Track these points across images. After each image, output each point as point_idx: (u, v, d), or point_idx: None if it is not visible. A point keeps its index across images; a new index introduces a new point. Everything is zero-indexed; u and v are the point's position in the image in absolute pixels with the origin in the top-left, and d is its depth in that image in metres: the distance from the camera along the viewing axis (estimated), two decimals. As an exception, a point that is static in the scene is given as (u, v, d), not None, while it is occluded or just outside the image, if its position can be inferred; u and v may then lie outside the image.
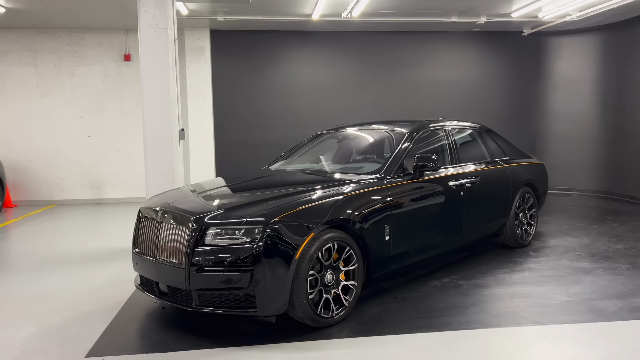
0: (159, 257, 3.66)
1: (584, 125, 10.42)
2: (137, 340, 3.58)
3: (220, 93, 10.14)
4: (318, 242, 3.55)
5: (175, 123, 5.94)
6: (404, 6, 8.32)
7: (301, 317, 3.52)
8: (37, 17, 8.75)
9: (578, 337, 3.43)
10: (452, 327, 3.64)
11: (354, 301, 3.85)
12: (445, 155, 5.08)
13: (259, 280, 3.32)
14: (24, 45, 9.78)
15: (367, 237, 3.91)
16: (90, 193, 10.13)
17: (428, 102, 10.55)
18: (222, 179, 4.99)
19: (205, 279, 3.38)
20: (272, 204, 3.63)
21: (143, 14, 5.66)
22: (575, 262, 5.24)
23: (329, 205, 3.75)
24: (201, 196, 4.14)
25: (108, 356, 3.27)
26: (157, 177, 5.83)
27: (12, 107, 9.85)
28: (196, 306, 3.46)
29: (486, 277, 4.79)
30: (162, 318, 3.94)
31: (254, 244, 3.33)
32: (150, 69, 5.73)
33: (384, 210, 4.08)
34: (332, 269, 3.70)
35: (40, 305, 4.26)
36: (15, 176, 9.95)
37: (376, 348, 3.35)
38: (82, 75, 9.95)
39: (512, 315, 3.85)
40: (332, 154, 5.34)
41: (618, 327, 3.61)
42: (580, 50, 10.36)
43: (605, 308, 3.97)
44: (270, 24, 9.41)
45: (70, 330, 3.70)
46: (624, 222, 7.33)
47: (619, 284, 4.53)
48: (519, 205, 5.79)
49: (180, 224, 3.56)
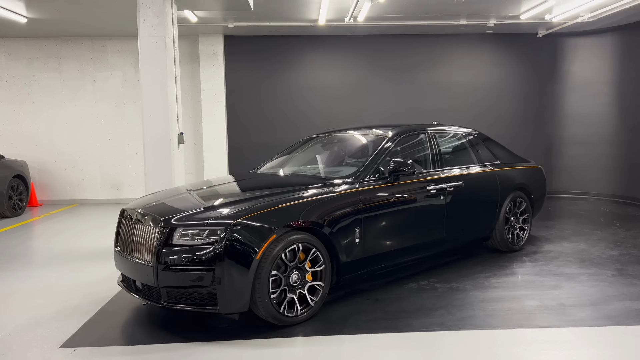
0: (134, 256, 3.89)
1: (601, 128, 10.19)
2: (111, 333, 3.79)
3: (233, 97, 10.41)
4: (282, 243, 3.69)
5: (173, 128, 6.20)
6: (408, 10, 8.37)
7: (264, 315, 3.67)
8: (61, 26, 9.21)
9: (537, 340, 3.46)
10: (411, 329, 3.71)
11: (320, 301, 3.97)
12: (427, 159, 5.14)
13: (220, 279, 3.49)
14: (50, 53, 10.31)
15: (334, 239, 4.02)
16: (110, 193, 10.58)
17: (442, 105, 10.53)
18: (209, 180, 5.20)
19: (172, 276, 3.58)
20: (237, 207, 3.80)
21: (142, 23, 5.94)
22: (562, 268, 5.20)
23: (295, 208, 3.89)
24: (180, 197, 4.35)
25: (80, 347, 3.50)
26: (155, 179, 6.10)
27: (39, 111, 10.39)
28: (165, 302, 3.66)
29: (465, 281, 4.82)
30: (141, 314, 4.16)
31: (216, 245, 3.51)
32: (149, 76, 6.00)
33: (353, 213, 4.18)
34: (298, 269, 3.84)
35: (35, 299, 4.56)
36: (41, 176, 10.49)
37: (331, 347, 3.46)
38: (103, 80, 10.40)
39: (476, 318, 3.89)
40: (316, 157, 5.46)
41: (579, 333, 3.60)
42: (597, 51, 10.13)
43: (573, 314, 3.95)
44: (281, 29, 9.62)
45: (54, 323, 3.96)
46: (630, 227, 7.17)
47: (597, 291, 4.48)
48: (510, 209, 5.77)
49: (151, 225, 3.77)
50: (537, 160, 10.58)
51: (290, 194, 4.11)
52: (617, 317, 3.88)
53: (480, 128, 10.43)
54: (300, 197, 4.04)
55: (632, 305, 4.13)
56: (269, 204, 3.86)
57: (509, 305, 4.19)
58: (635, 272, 4.99)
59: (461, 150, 5.66)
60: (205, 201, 4.19)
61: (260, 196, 4.09)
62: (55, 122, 10.44)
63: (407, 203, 4.66)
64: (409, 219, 4.69)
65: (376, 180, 4.54)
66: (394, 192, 4.56)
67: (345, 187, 4.30)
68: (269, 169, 5.44)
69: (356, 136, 5.47)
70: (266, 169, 5.46)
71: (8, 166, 9.09)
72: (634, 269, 5.12)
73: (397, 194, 4.58)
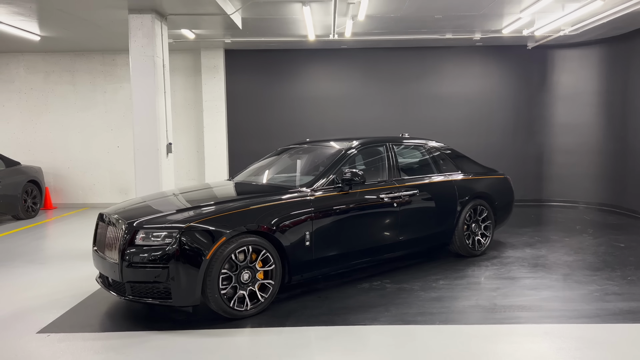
0: (106, 255, 4.42)
1: (590, 137, 10.39)
2: (83, 322, 4.32)
3: (233, 107, 10.98)
4: (233, 245, 4.18)
5: (162, 138, 6.76)
6: (391, 26, 8.79)
7: (215, 308, 4.16)
8: (75, 42, 9.91)
9: (456, 334, 3.85)
10: (346, 323, 4.14)
11: (270, 297, 4.42)
12: (384, 169, 5.55)
13: (174, 276, 3.99)
14: (64, 66, 11.06)
15: (284, 242, 4.48)
16: (119, 197, 11.23)
17: (434, 115, 10.88)
18: (188, 187, 5.73)
19: (134, 273, 4.10)
20: (194, 212, 4.31)
21: (133, 43, 6.53)
22: (512, 272, 5.54)
23: (248, 213, 4.38)
24: (151, 202, 4.88)
25: (53, 333, 4.04)
26: (145, 185, 6.67)
27: (54, 120, 11.15)
28: (129, 295, 4.18)
29: (415, 282, 5.21)
30: (113, 307, 4.69)
31: (170, 246, 4.01)
32: (139, 91, 6.59)
33: (303, 219, 4.63)
34: (249, 269, 4.31)
35: (23, 292, 5.14)
36: (56, 181, 11.24)
37: (271, 336, 3.92)
38: (113, 92, 11.10)
39: (408, 315, 4.29)
40: (283, 167, 5.94)
41: (497, 329, 3.98)
42: (584, 62, 10.36)
43: (501, 313, 4.32)
44: (276, 43, 10.14)
45: (36, 313, 4.52)
46: (600, 235, 7.41)
47: (534, 293, 4.82)
48: (470, 216, 6.12)
49: (119, 227, 4.30)
50: (528, 168, 10.92)
51: (248, 200, 4.60)
52: (540, 317, 4.23)
53: (471, 137, 10.84)
54: (254, 203, 4.52)
55: (560, 306, 4.48)
56: (222, 209, 4.36)
57: (445, 304, 4.58)
58: (579, 277, 5.31)
59: (421, 161, 6.06)
60: (171, 206, 4.70)
61: (220, 202, 4.61)
62: (69, 131, 11.18)
63: (358, 210, 5.09)
64: (360, 225, 5.11)
65: (332, 188, 4.99)
66: (346, 200, 4.99)
67: (297, 194, 4.76)
68: (243, 178, 5.94)
69: (321, 147, 5.92)
70: (240, 178, 5.96)
71: (23, 172, 9.83)
72: (579, 274, 5.43)
73: (348, 202, 5.01)
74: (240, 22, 7.98)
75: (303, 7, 7.22)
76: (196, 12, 6.99)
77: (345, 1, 7.05)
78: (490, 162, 7.67)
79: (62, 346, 3.79)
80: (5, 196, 9.13)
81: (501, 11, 8.00)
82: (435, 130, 10.46)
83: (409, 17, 8.19)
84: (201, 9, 6.79)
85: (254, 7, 7.41)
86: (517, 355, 3.49)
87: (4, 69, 11.05)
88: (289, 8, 7.51)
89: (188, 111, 11.07)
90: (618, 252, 6.34)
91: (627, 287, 4.95)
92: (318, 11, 7.66)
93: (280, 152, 6.34)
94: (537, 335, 3.83)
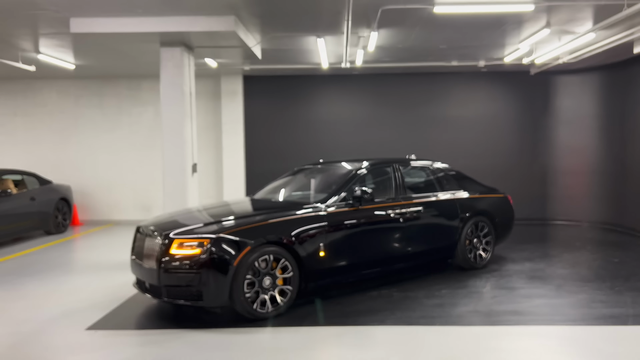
0: (144, 262, 5.01)
1: (591, 158, 10.87)
2: (125, 321, 4.90)
3: (251, 129, 11.65)
4: (256, 254, 4.74)
5: (189, 159, 7.39)
6: (399, 55, 9.44)
7: (240, 310, 4.70)
8: (103, 69, 10.69)
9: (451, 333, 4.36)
10: (357, 324, 4.66)
11: (288, 301, 4.96)
12: (391, 188, 6.11)
13: (205, 281, 4.56)
14: (93, 91, 11.85)
15: (300, 252, 5.03)
16: (142, 214, 11.86)
17: (442, 137, 11.44)
18: (214, 203, 6.33)
19: (170, 277, 4.67)
20: (223, 225, 4.89)
21: (164, 73, 7.21)
22: (510, 283, 6.02)
23: (269, 226, 4.95)
24: (184, 216, 5.48)
25: (100, 330, 4.62)
26: (173, 202, 7.28)
27: (83, 141, 11.90)
28: (164, 297, 4.75)
29: (420, 291, 5.71)
30: (149, 308, 5.26)
31: (202, 254, 4.59)
32: (168, 116, 7.25)
33: (318, 231, 5.19)
34: (270, 275, 4.86)
35: (70, 296, 5.74)
36: (83, 199, 11.93)
37: (291, 334, 4.46)
38: (137, 115, 11.84)
39: (411, 318, 4.80)
40: (298, 185, 6.52)
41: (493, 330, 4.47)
42: (585, 88, 10.90)
43: (497, 316, 4.81)
44: (292, 70, 10.82)
45: (83, 313, 5.10)
46: (597, 251, 7.86)
47: (526, 300, 5.30)
48: (472, 232, 6.63)
49: (156, 238, 4.89)
50: (533, 188, 11.41)
51: (268, 214, 5.17)
52: (530, 320, 4.72)
53: (478, 159, 11.37)
54: (274, 217, 5.09)
55: (549, 311, 4.96)
56: (246, 222, 4.95)
57: (446, 309, 5.08)
58: (570, 287, 5.77)
59: (426, 181, 6.61)
60: (202, 219, 5.29)
61: (244, 216, 5.20)
62: (96, 151, 11.91)
63: (367, 224, 5.64)
64: (369, 238, 5.66)
65: (344, 204, 5.55)
66: (356, 215, 5.55)
67: (312, 210, 5.33)
68: (262, 195, 6.53)
69: (334, 168, 6.50)
70: (259, 195, 6.55)
71: (55, 190, 10.52)
72: (571, 284, 5.90)
73: (359, 217, 5.56)
74: (260, 52, 8.66)
75: (317, 39, 7.90)
76: (220, 45, 7.67)
77: (356, 34, 7.71)
78: (496, 183, 8.16)
79: (109, 340, 4.36)
80: (40, 213, 9.81)
81: (502, 42, 8.61)
82: (443, 152, 10.99)
83: (416, 47, 8.83)
84: (225, 42, 7.47)
85: (272, 40, 8.10)
86: (506, 350, 3.99)
87: (38, 93, 11.87)
88: (304, 40, 8.20)
89: (208, 133, 11.76)
90: (611, 267, 6.79)
91: (613, 296, 5.41)
92: (331, 43, 8.33)
93: (295, 172, 6.93)
94: (525, 335, 4.33)
